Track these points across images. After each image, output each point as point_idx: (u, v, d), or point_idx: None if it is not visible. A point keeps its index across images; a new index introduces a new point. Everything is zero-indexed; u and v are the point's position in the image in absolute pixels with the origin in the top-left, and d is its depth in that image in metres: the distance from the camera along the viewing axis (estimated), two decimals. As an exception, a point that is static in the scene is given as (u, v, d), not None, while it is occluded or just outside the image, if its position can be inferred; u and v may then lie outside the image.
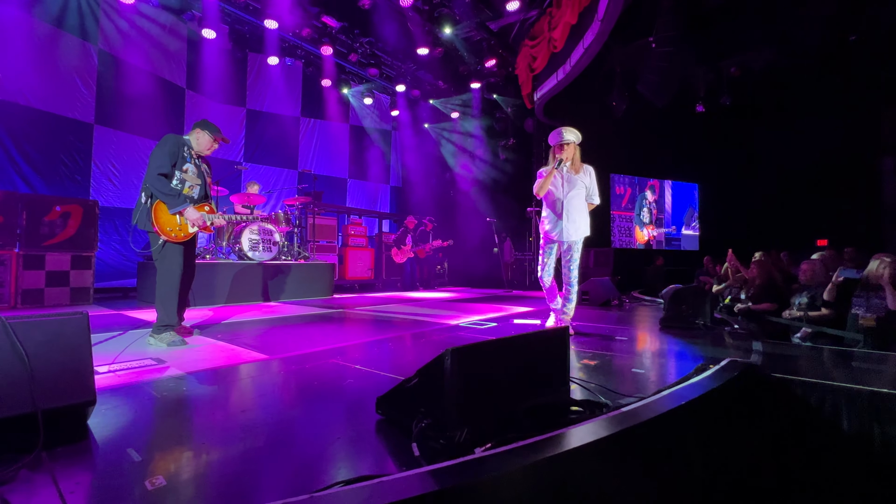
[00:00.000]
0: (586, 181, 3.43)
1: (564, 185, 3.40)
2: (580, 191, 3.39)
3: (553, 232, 3.45)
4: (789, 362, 2.58)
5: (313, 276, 6.75)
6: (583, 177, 3.41)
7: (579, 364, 2.52)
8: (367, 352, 2.89)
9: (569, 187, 3.39)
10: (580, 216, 3.39)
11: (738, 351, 2.85)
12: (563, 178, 3.41)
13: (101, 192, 7.16)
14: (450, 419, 1.31)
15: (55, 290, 4.97)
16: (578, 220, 3.38)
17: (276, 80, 9.80)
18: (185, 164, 3.01)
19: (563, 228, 3.38)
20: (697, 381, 1.89)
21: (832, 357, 2.77)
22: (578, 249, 3.43)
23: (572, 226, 3.36)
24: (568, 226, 3.37)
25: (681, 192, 11.50)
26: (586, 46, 6.80)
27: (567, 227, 3.37)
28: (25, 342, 1.37)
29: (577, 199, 3.39)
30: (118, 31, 7.29)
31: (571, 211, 3.37)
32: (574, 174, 3.40)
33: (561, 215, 3.38)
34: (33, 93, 6.35)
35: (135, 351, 2.75)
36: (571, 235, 3.37)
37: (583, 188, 3.41)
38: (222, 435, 1.48)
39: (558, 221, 3.40)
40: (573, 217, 3.37)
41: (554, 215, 3.44)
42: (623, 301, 6.18)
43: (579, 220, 3.38)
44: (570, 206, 3.37)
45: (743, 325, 3.85)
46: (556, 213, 3.42)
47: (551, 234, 3.46)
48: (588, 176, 3.44)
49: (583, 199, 3.42)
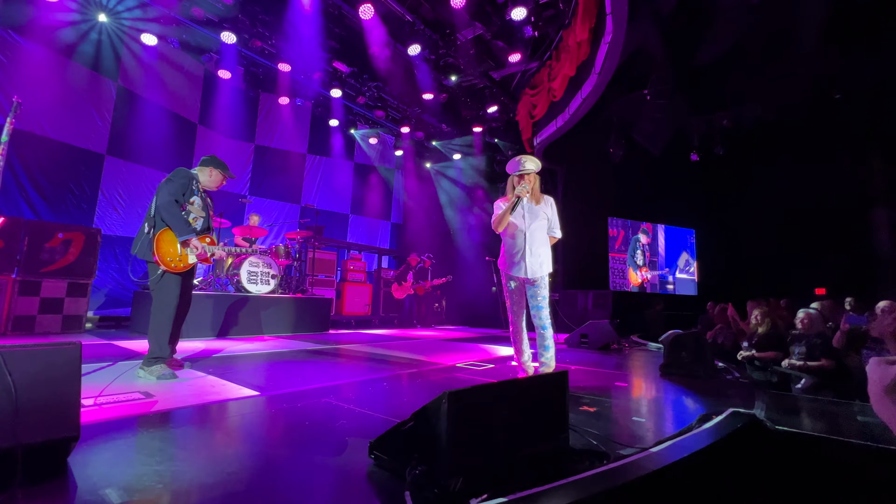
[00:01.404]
0: (548, 212, 3.19)
1: (526, 216, 3.14)
2: (542, 223, 3.16)
3: (514, 268, 3.13)
4: (793, 415, 2.52)
5: (310, 310, 6.69)
6: (544, 208, 3.18)
7: (578, 410, 2.45)
8: (361, 391, 2.82)
9: (531, 219, 3.13)
10: (543, 250, 3.12)
11: (739, 401, 2.78)
12: (524, 210, 3.16)
13: (104, 220, 7.23)
14: (445, 467, 1.26)
15: (47, 317, 4.90)
16: (542, 255, 3.10)
17: (285, 118, 10.17)
18: (193, 196, 3.08)
19: (527, 264, 3.06)
20: (700, 433, 1.84)
21: (838, 410, 2.70)
22: (545, 286, 3.14)
23: (536, 261, 3.07)
24: (531, 261, 3.06)
25: (674, 237, 11.64)
26: (584, 97, 7.13)
27: (531, 263, 3.06)
28: (14, 372, 1.34)
29: (540, 232, 3.14)
30: (138, 68, 7.62)
31: (535, 245, 3.09)
32: (535, 205, 3.16)
33: (524, 250, 3.09)
34: (50, 123, 6.56)
35: (123, 383, 2.68)
36: (536, 272, 3.06)
37: (545, 220, 3.17)
38: (205, 479, 1.42)
39: (521, 257, 3.09)
40: (536, 251, 3.08)
41: (514, 250, 3.15)
42: (622, 345, 6.10)
43: (543, 254, 3.11)
44: (532, 240, 3.10)
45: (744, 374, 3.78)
46: (518, 248, 3.12)
47: (511, 271, 3.15)
48: (549, 207, 3.21)
49: (545, 233, 3.17)
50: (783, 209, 9.54)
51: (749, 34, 6.25)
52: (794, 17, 5.97)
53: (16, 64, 6.13)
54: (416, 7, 6.93)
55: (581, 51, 6.39)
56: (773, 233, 9.79)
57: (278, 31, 7.30)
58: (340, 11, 7.01)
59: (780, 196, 9.53)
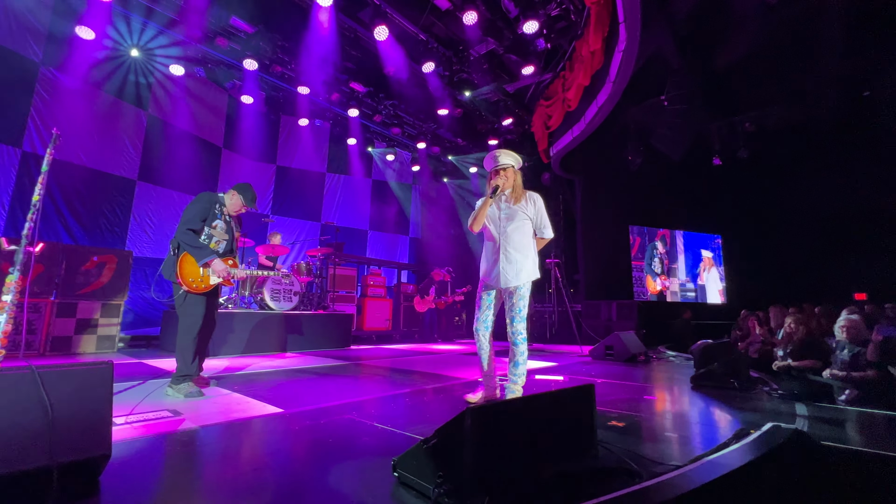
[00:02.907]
0: (530, 212, 2.85)
1: (502, 217, 2.84)
2: (522, 224, 2.82)
3: (489, 275, 2.84)
4: (839, 428, 2.37)
5: (331, 326, 6.74)
6: (525, 207, 2.84)
7: (606, 425, 2.37)
8: (383, 407, 2.80)
9: (507, 220, 2.82)
10: (522, 255, 2.77)
11: (779, 414, 2.64)
12: (500, 210, 2.86)
13: (136, 242, 7.53)
14: (470, 486, 1.23)
15: (83, 337, 5.09)
16: (519, 261, 2.76)
17: (305, 139, 10.47)
18: (215, 220, 3.16)
19: (501, 272, 2.75)
20: (738, 449, 1.75)
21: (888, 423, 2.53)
22: (524, 296, 2.77)
23: (511, 268, 2.74)
24: (506, 268, 2.75)
25: (696, 242, 11.29)
26: (600, 105, 7.10)
27: (505, 270, 2.75)
28: (51, 392, 1.39)
29: (518, 235, 2.80)
30: (167, 98, 8.03)
31: (510, 249, 2.77)
32: (514, 204, 2.83)
33: (499, 255, 2.79)
34: (86, 152, 6.93)
35: (152, 402, 2.74)
36: (511, 280, 2.73)
37: (525, 221, 2.84)
38: (232, 495, 1.43)
39: (495, 262, 2.80)
40: (512, 257, 2.76)
41: (489, 255, 2.88)
42: (650, 356, 5.91)
43: (520, 260, 2.76)
44: (507, 244, 2.77)
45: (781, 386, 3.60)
46: (492, 253, 2.85)
47: (487, 279, 2.86)
48: (532, 206, 2.86)
49: (526, 235, 2.83)
50: (816, 211, 9.16)
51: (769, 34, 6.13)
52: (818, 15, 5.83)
53: (56, 99, 6.53)
54: (430, 26, 7.09)
55: (595, 60, 6.38)
56: (805, 236, 9.40)
57: (297, 56, 7.57)
58: (356, 34, 7.23)
59: (813, 198, 9.16)
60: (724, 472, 1.47)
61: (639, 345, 5.85)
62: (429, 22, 7.01)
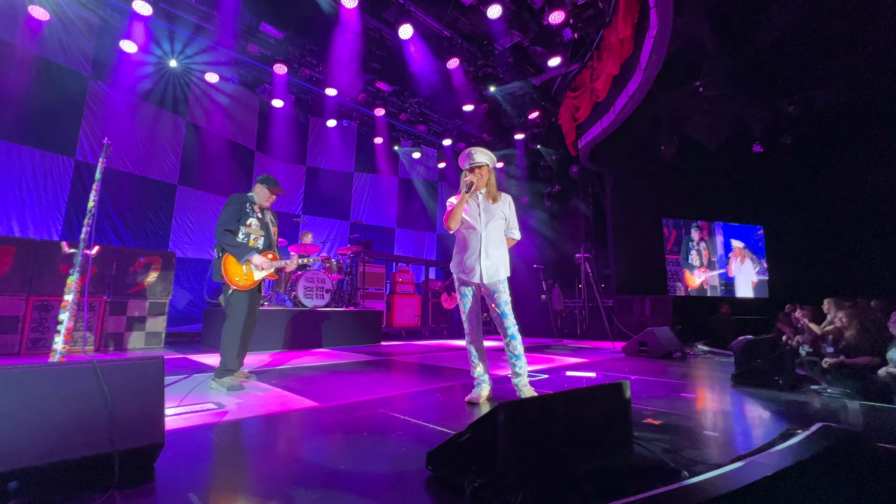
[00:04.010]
0: (506, 212, 2.93)
1: (482, 214, 2.88)
2: (499, 223, 2.89)
3: (466, 273, 2.86)
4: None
5: (362, 323, 6.89)
6: (501, 206, 2.91)
7: (642, 423, 2.32)
8: (414, 402, 2.84)
9: (487, 217, 2.87)
10: (499, 252, 2.86)
11: (829, 414, 2.50)
12: (479, 207, 2.90)
13: (177, 244, 7.93)
14: (504, 481, 1.24)
15: (132, 333, 5.43)
16: (497, 258, 2.84)
17: (333, 139, 10.70)
18: (249, 218, 3.29)
19: (482, 268, 2.80)
20: (784, 449, 1.67)
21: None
22: (505, 290, 2.84)
23: (491, 264, 2.81)
24: (486, 264, 2.80)
25: (736, 234, 10.75)
26: (630, 95, 6.87)
27: (485, 266, 2.80)
28: (110, 385, 1.49)
29: (497, 233, 2.88)
30: (203, 105, 8.40)
31: (490, 246, 2.83)
32: (491, 203, 2.90)
33: (479, 252, 2.82)
34: (132, 160, 7.35)
35: (198, 394, 2.89)
36: (492, 276, 2.80)
37: (502, 220, 2.90)
38: (274, 485, 1.50)
39: (476, 259, 2.83)
40: (492, 253, 2.82)
41: (468, 252, 2.88)
42: (686, 353, 5.72)
43: (498, 257, 2.85)
44: (489, 242, 2.84)
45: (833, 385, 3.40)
46: (472, 250, 2.86)
47: (465, 276, 2.87)
48: (507, 206, 2.94)
49: (502, 233, 2.92)
50: (870, 199, 8.55)
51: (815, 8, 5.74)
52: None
53: (104, 110, 6.95)
54: (454, 22, 7.07)
55: (624, 48, 6.19)
56: (857, 226, 8.79)
57: (324, 59, 7.73)
58: (381, 34, 7.31)
59: (866, 184, 8.55)
60: (770, 474, 1.41)
61: (674, 341, 5.67)
62: (452, 18, 6.99)
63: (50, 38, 6.33)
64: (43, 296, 4.71)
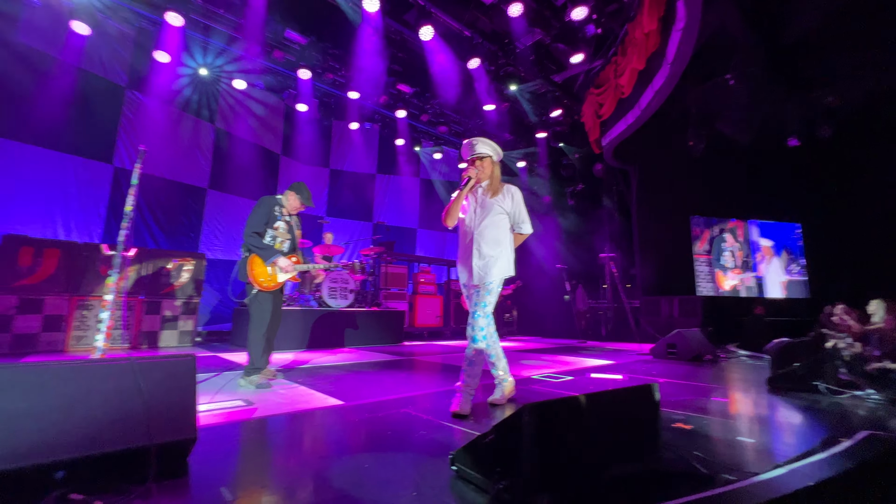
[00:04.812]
0: (507, 206, 2.70)
1: (477, 210, 2.70)
2: (497, 219, 2.67)
3: (463, 275, 2.73)
4: (953, 440, 2.07)
5: (385, 323, 6.96)
6: (502, 201, 2.69)
7: (671, 427, 2.25)
8: (437, 402, 2.85)
9: (482, 214, 2.67)
10: (494, 251, 2.63)
11: (875, 422, 2.36)
12: (476, 203, 2.72)
13: (208, 246, 8.21)
14: (529, 483, 1.22)
15: (165, 332, 5.65)
16: (491, 257, 2.62)
17: (356, 142, 10.86)
18: (276, 221, 3.38)
19: (474, 268, 2.62)
20: (826, 458, 1.59)
21: None
22: (492, 291, 2.60)
23: (483, 264, 2.61)
24: (477, 263, 2.61)
25: (771, 233, 10.28)
26: (656, 90, 6.70)
27: (476, 266, 2.61)
28: (146, 381, 1.56)
29: (492, 230, 2.65)
30: (231, 110, 8.68)
31: (482, 244, 2.63)
32: (490, 197, 2.69)
33: (471, 250, 2.65)
34: (165, 165, 7.66)
35: (227, 392, 2.98)
36: (482, 276, 2.60)
37: (501, 215, 2.69)
38: (301, 481, 1.52)
39: (468, 258, 2.67)
40: (484, 252, 2.62)
41: (462, 252, 2.73)
42: (717, 355, 5.52)
43: (491, 255, 2.62)
44: (481, 239, 2.63)
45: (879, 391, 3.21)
46: (465, 249, 2.70)
47: (462, 279, 2.75)
48: (509, 199, 2.71)
49: (500, 230, 2.68)
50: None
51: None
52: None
53: (139, 118, 7.27)
54: (474, 21, 7.05)
55: (650, 42, 6.03)
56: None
57: (346, 63, 7.86)
58: (402, 36, 7.36)
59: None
60: (811, 483, 1.34)
61: (704, 343, 5.47)
62: (473, 17, 6.98)
63: (90, 52, 6.67)
64: (84, 296, 4.96)
